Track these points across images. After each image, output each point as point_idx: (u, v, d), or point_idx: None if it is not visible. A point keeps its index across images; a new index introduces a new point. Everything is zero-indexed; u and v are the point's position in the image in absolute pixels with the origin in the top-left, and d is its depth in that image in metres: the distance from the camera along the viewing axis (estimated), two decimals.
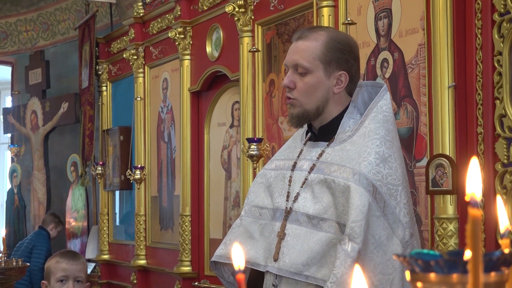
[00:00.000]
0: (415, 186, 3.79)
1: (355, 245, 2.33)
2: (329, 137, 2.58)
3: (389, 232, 2.39)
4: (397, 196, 2.42)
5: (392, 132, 2.51)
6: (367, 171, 2.40)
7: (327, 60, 2.53)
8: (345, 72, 2.56)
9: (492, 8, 3.42)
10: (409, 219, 2.44)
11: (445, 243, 3.49)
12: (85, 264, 3.62)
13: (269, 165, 2.76)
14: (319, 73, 2.54)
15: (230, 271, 2.76)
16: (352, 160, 2.45)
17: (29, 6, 10.77)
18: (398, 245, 2.39)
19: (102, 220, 8.17)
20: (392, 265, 2.38)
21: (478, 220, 0.90)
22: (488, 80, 3.42)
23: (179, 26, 6.28)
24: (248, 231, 2.68)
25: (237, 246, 1.06)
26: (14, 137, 10.90)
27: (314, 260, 2.45)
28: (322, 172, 2.50)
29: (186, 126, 6.34)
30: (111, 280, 8.11)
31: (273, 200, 2.63)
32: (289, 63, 2.58)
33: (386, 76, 4.02)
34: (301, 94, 2.55)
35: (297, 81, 2.55)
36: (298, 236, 2.50)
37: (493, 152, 3.39)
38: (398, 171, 2.44)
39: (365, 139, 2.47)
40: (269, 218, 2.63)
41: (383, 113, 2.52)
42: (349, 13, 4.21)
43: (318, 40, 2.54)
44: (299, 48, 2.56)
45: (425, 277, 1.03)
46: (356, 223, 2.34)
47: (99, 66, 8.22)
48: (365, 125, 2.51)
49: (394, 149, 2.47)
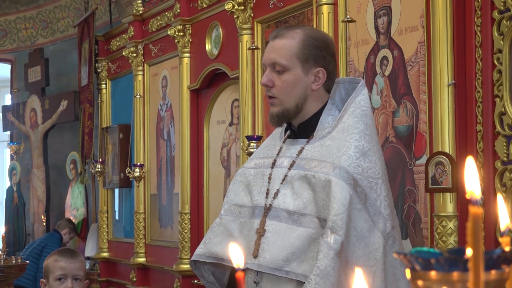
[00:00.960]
0: (415, 184, 3.79)
1: (337, 237, 2.34)
2: (308, 134, 2.60)
3: (371, 225, 2.41)
4: (378, 189, 2.44)
5: (371, 126, 2.54)
6: (347, 165, 2.42)
7: (304, 57, 2.56)
8: (323, 69, 2.59)
9: (492, 6, 3.42)
10: (389, 212, 2.45)
11: (445, 241, 3.49)
12: (83, 262, 3.61)
13: (248, 164, 2.77)
14: (297, 71, 2.56)
15: (210, 271, 2.77)
16: (332, 155, 2.46)
17: (28, 3, 10.76)
18: (379, 237, 2.41)
19: (102, 218, 8.17)
20: (374, 257, 2.40)
21: (479, 218, 0.90)
22: (487, 78, 3.42)
23: (179, 23, 6.27)
24: (227, 230, 2.69)
25: (234, 245, 1.06)
26: (13, 134, 10.90)
27: (295, 256, 2.45)
28: (302, 168, 2.52)
29: (185, 124, 6.33)
30: (110, 278, 8.11)
31: (252, 198, 2.64)
32: (266, 62, 2.60)
33: (386, 74, 4.02)
34: (280, 92, 2.57)
35: (275, 80, 2.58)
36: (278, 232, 2.51)
37: (493, 150, 3.39)
38: (377, 164, 2.47)
39: (344, 134, 2.49)
40: (248, 216, 2.65)
41: (361, 108, 2.54)
42: (349, 10, 4.21)
43: (294, 38, 2.57)
44: (276, 46, 2.58)
45: (425, 275, 1.03)
46: (338, 216, 2.35)
47: (99, 63, 8.21)
48: (344, 120, 2.53)
49: (373, 143, 2.50)
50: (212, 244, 2.71)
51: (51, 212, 10.10)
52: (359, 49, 4.19)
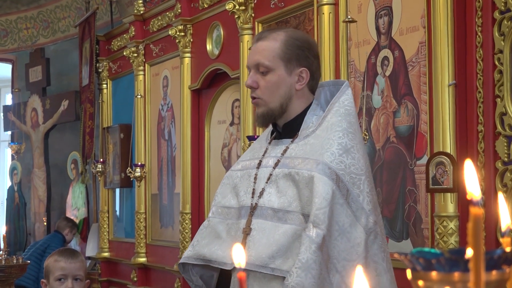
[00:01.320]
0: (416, 184, 3.79)
1: (319, 231, 2.37)
2: (293, 134, 2.64)
3: (353, 220, 2.44)
4: (360, 185, 2.47)
5: (354, 125, 2.57)
6: (329, 161, 2.45)
7: (287, 58, 2.59)
8: (306, 69, 2.62)
9: (493, 6, 3.42)
10: (372, 207, 2.48)
11: (446, 241, 3.49)
12: (84, 262, 3.61)
13: (235, 167, 2.81)
14: (280, 71, 2.60)
15: (198, 274, 2.79)
16: (315, 152, 2.50)
17: (30, 3, 10.77)
18: (361, 232, 2.44)
19: (102, 218, 8.17)
20: (355, 252, 2.42)
21: (479, 218, 0.90)
22: (488, 78, 3.42)
23: (180, 23, 6.27)
24: (215, 231, 2.72)
25: (238, 246, 1.07)
26: (14, 134, 10.90)
27: (280, 253, 2.47)
28: (287, 166, 2.55)
29: (186, 124, 6.34)
30: (111, 278, 8.11)
31: (239, 199, 2.68)
32: (250, 64, 2.64)
33: (387, 74, 4.02)
34: (264, 93, 2.61)
35: (259, 81, 2.61)
36: (263, 230, 2.54)
37: (494, 150, 3.39)
38: (360, 161, 2.50)
39: (328, 132, 2.53)
40: (236, 217, 2.68)
41: (345, 107, 2.57)
42: (350, 11, 4.21)
43: (277, 40, 2.60)
44: (259, 48, 2.62)
45: (426, 275, 1.04)
46: (320, 210, 2.38)
47: (100, 63, 8.22)
48: (328, 119, 2.56)
49: (356, 141, 2.53)
50: (200, 246, 2.74)
51: (52, 212, 10.10)
52: (360, 49, 4.19)
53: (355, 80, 4.24)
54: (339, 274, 2.40)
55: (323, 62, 4.39)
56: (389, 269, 2.53)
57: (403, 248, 3.86)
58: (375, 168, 4.07)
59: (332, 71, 4.35)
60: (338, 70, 4.32)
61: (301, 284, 2.34)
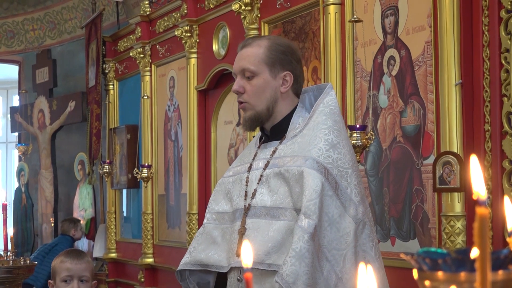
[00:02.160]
0: (422, 183, 3.79)
1: (311, 221, 2.45)
2: (280, 136, 2.73)
3: (342, 210, 2.53)
4: (348, 177, 2.56)
5: (339, 123, 2.67)
6: (317, 156, 2.55)
7: (271, 62, 2.71)
8: (290, 72, 2.73)
9: (499, 5, 3.41)
10: (360, 199, 2.57)
11: (453, 241, 3.48)
12: (90, 263, 3.60)
13: (227, 173, 2.91)
14: (265, 75, 2.71)
15: (195, 281, 2.86)
16: (303, 149, 2.60)
17: (36, 5, 10.79)
18: (350, 222, 2.53)
19: (110, 219, 8.19)
20: (345, 241, 2.51)
21: (486, 218, 0.90)
22: (495, 77, 3.41)
23: (186, 24, 6.28)
24: (211, 237, 2.81)
25: (247, 243, 1.08)
26: (21, 136, 10.92)
27: (275, 248, 2.55)
28: (276, 166, 2.65)
29: (193, 125, 6.34)
30: (118, 279, 8.12)
31: (233, 203, 2.77)
32: (236, 70, 2.76)
33: (393, 73, 4.01)
34: (250, 97, 2.72)
35: (245, 85, 2.72)
36: (258, 228, 2.62)
37: (501, 149, 3.38)
38: (347, 156, 2.60)
39: (314, 130, 2.63)
40: (230, 221, 2.77)
41: (329, 107, 2.68)
42: (356, 10, 4.21)
43: (261, 46, 2.73)
44: (244, 55, 2.74)
45: (432, 275, 1.03)
46: (310, 201, 2.47)
47: (106, 64, 8.23)
48: (313, 119, 2.67)
49: (342, 137, 2.63)
50: (197, 252, 2.82)
51: (59, 213, 10.12)
52: (366, 49, 4.19)
53: (361, 79, 4.24)
54: (329, 262, 2.49)
55: (329, 62, 4.39)
56: (378, 257, 2.61)
57: (410, 247, 3.85)
58: (382, 168, 4.07)
59: (338, 70, 4.35)
60: (344, 70, 4.32)
61: (295, 273, 2.42)
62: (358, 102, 4.25)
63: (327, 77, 4.38)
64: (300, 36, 4.87)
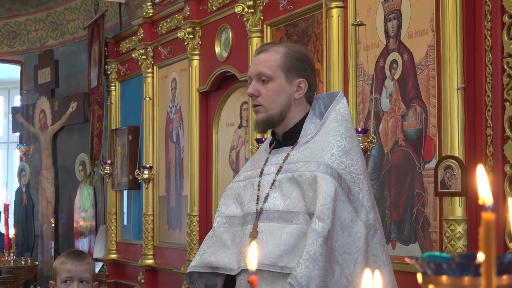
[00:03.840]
0: (424, 187, 3.79)
1: (324, 225, 2.49)
2: (292, 142, 2.77)
3: (354, 215, 2.58)
4: (360, 183, 2.61)
5: (351, 130, 2.72)
6: (331, 162, 2.59)
7: (287, 68, 2.76)
8: (304, 80, 2.78)
9: (502, 10, 3.42)
10: (371, 204, 2.63)
11: (453, 245, 3.49)
12: (91, 264, 3.59)
13: (237, 178, 2.94)
14: (281, 80, 2.76)
15: (203, 284, 2.90)
16: (316, 155, 2.64)
17: (39, 5, 10.80)
18: (362, 227, 2.58)
19: (110, 220, 8.19)
20: (356, 246, 2.56)
21: (491, 223, 0.90)
22: (497, 82, 3.41)
23: (188, 26, 6.29)
24: (221, 240, 2.84)
25: (254, 246, 1.09)
26: (22, 136, 10.92)
27: (288, 252, 2.59)
28: (289, 171, 2.68)
29: (194, 126, 6.35)
30: (118, 280, 8.12)
31: (243, 207, 2.80)
32: (252, 74, 2.80)
33: (395, 77, 4.02)
34: (265, 100, 2.76)
35: (260, 89, 2.77)
36: (270, 231, 2.65)
37: (502, 154, 3.38)
38: (359, 162, 2.65)
39: (327, 137, 2.67)
40: (240, 225, 2.80)
41: (341, 114, 2.73)
42: (358, 14, 4.22)
43: (278, 52, 2.78)
44: (260, 59, 2.79)
45: (436, 279, 1.04)
46: (324, 206, 2.51)
47: (108, 65, 8.24)
48: (326, 125, 2.71)
49: (354, 144, 2.68)
50: (207, 255, 2.85)
51: (60, 213, 10.12)
52: (368, 53, 4.19)
53: (363, 83, 4.25)
54: (340, 266, 2.53)
55: (331, 65, 4.39)
56: (388, 262, 2.65)
57: (411, 251, 3.85)
58: (383, 172, 4.07)
59: (340, 74, 4.36)
60: (346, 73, 4.33)
61: (308, 275, 2.44)
62: (360, 106, 4.25)
63: (329, 80, 4.39)
64: (302, 39, 4.87)
